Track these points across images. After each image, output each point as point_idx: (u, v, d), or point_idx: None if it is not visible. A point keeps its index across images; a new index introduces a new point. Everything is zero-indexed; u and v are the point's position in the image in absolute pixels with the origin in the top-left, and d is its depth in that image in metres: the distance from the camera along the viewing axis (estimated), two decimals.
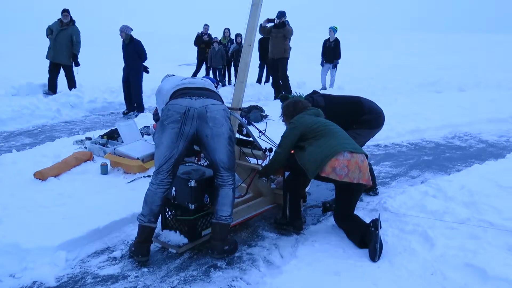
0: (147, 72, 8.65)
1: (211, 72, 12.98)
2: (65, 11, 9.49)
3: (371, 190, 4.35)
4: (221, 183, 3.15)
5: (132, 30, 8.46)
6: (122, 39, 8.48)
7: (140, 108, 8.55)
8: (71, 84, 9.66)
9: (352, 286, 2.67)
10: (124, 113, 8.71)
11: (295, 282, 2.71)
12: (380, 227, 3.03)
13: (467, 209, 3.53)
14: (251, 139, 3.83)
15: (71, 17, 9.50)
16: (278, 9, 9.69)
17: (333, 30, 12.03)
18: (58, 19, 9.48)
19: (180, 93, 3.10)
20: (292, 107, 3.71)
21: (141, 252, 3.07)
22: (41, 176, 4.39)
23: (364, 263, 2.94)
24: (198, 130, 2.99)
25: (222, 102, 3.22)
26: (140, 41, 8.48)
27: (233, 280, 2.90)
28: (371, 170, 4.32)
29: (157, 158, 3.06)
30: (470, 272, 2.71)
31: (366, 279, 2.72)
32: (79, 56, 9.71)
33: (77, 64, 9.70)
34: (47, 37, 9.53)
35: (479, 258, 2.80)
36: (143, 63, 8.53)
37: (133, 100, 8.56)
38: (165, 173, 3.04)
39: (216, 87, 5.14)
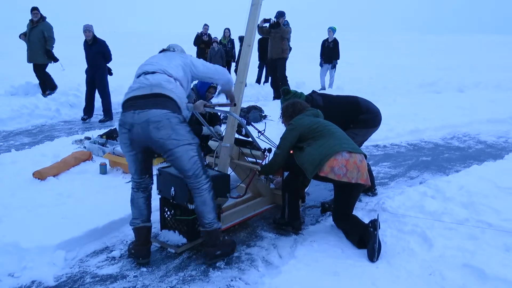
0: (111, 74, 8.18)
1: None
2: (35, 9, 9.09)
3: (370, 190, 4.36)
4: (193, 189, 2.99)
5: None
6: (84, 39, 7.94)
7: (109, 114, 8.10)
8: (44, 87, 9.20)
9: (350, 286, 2.67)
10: (83, 119, 8.11)
11: (294, 282, 2.71)
12: (379, 228, 3.04)
13: (465, 209, 3.54)
14: (250, 139, 3.84)
15: (41, 15, 9.10)
16: (279, 9, 9.70)
17: (332, 30, 12.04)
18: (30, 19, 9.11)
19: (127, 105, 2.86)
20: (291, 109, 3.71)
21: (141, 254, 3.06)
22: (40, 175, 4.39)
23: (362, 263, 2.94)
24: (148, 144, 2.87)
25: (175, 104, 2.85)
26: (104, 41, 8.04)
27: (231, 280, 2.91)
28: (369, 171, 4.33)
29: (128, 167, 3.12)
30: (468, 272, 2.72)
31: (365, 279, 2.72)
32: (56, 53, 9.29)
33: (55, 60, 9.28)
34: (19, 37, 9.21)
35: (477, 259, 2.81)
36: (107, 65, 8.08)
37: (102, 105, 8.12)
38: (138, 179, 3.09)
39: (215, 87, 5.15)
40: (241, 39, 13.14)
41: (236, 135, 3.91)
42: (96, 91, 8.15)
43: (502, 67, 18.48)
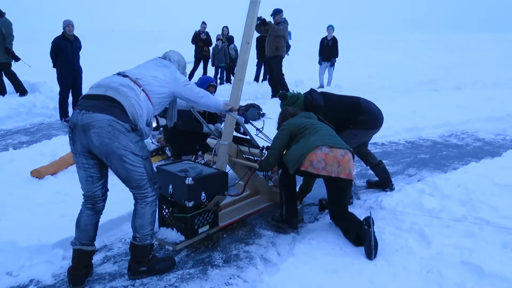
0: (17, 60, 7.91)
1: (209, 70, 12.99)
2: None
3: (388, 186, 4.44)
4: (136, 199, 2.86)
5: None
6: (60, 36, 7.70)
7: None
8: (18, 87, 8.77)
9: (349, 284, 2.67)
10: (67, 121, 7.68)
11: (292, 280, 2.72)
12: (373, 224, 3.05)
13: (463, 207, 3.55)
14: (248, 137, 3.86)
15: (0, 10, 8.64)
16: (277, 6, 9.66)
17: (332, 28, 12.04)
18: None
19: (79, 102, 2.73)
20: (280, 117, 3.83)
21: (73, 280, 2.78)
22: (38, 174, 4.38)
23: (361, 260, 2.94)
24: (88, 148, 2.63)
25: (124, 111, 2.63)
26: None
27: (230, 278, 2.91)
28: (383, 168, 4.40)
29: None
30: (466, 269, 2.73)
31: (363, 277, 2.73)
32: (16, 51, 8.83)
33: (16, 59, 8.76)
34: None
35: (475, 256, 2.81)
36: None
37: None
38: (84, 191, 2.84)
39: (215, 86, 5.15)
40: (228, 39, 13.19)
41: (235, 133, 3.93)
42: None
43: (500, 65, 18.51)
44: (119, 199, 3.88)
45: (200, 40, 12.62)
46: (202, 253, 3.23)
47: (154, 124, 4.73)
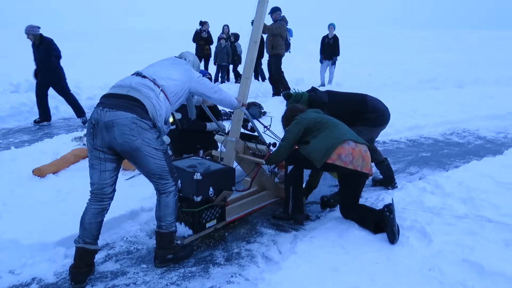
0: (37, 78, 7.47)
1: (211, 68, 12.98)
2: None
3: (390, 184, 4.45)
4: (158, 191, 2.97)
5: (39, 28, 7.29)
6: (31, 42, 7.32)
7: (80, 111, 7.65)
8: None
9: (350, 282, 2.68)
10: (36, 122, 7.62)
11: (294, 278, 2.72)
12: (394, 211, 3.12)
13: (464, 205, 3.55)
14: (255, 133, 3.89)
15: None
16: (276, 4, 9.64)
17: (333, 26, 12.03)
18: None
19: (101, 100, 2.81)
20: (290, 112, 3.82)
21: (74, 278, 2.80)
22: (39, 173, 4.39)
23: (362, 258, 2.94)
24: (109, 144, 2.73)
25: (146, 111, 2.75)
26: (51, 39, 7.38)
27: (232, 276, 2.92)
28: (388, 166, 4.43)
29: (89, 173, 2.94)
30: (467, 267, 2.73)
31: (364, 275, 2.73)
32: None
33: None
34: None
35: (476, 254, 2.81)
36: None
37: (70, 105, 7.65)
38: (94, 188, 2.92)
39: (210, 78, 5.14)
40: (234, 36, 13.20)
41: (242, 130, 3.96)
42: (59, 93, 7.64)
43: (501, 63, 18.48)
44: (120, 197, 3.89)
45: (201, 38, 12.61)
46: (203, 251, 3.24)
47: (171, 119, 4.81)
